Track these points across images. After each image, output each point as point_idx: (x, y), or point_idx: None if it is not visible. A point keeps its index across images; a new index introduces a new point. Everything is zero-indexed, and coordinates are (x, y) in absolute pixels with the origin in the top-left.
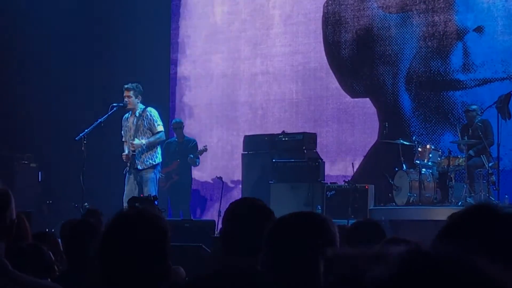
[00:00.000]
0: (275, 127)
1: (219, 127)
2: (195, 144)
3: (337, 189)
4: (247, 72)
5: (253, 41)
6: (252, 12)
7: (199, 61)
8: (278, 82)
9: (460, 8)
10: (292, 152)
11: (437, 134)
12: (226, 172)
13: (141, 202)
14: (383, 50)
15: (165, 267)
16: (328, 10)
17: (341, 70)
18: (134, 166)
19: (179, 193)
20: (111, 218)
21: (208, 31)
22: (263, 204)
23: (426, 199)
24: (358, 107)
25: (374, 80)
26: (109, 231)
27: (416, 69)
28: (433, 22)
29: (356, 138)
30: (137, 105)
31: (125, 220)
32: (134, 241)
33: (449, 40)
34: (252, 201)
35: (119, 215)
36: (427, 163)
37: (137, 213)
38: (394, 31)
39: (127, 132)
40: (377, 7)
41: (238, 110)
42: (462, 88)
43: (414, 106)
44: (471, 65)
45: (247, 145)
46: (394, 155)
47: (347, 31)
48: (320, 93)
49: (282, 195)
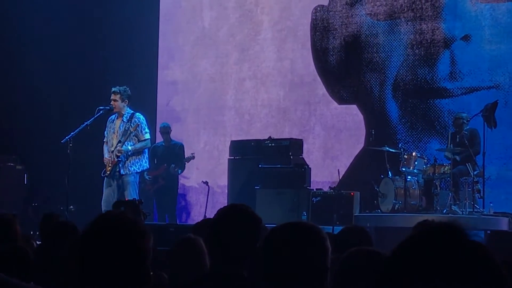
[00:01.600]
0: (262, 133)
1: (206, 132)
2: (182, 148)
3: (323, 195)
4: (234, 77)
5: (241, 46)
6: (240, 18)
7: (187, 65)
8: (265, 87)
9: (447, 17)
10: (278, 158)
11: (423, 142)
12: (212, 177)
13: (126, 206)
14: (370, 57)
15: (143, 270)
16: (316, 17)
17: (328, 77)
18: (116, 170)
19: (165, 197)
20: (89, 222)
21: (196, 35)
22: (251, 212)
23: (411, 206)
24: (345, 114)
25: (361, 87)
26: (87, 235)
27: (403, 76)
28: (421, 30)
29: (342, 145)
30: (123, 109)
31: (102, 224)
32: (111, 245)
33: (436, 48)
34: (241, 208)
35: (97, 219)
36: (413, 170)
37: (113, 216)
38: (382, 38)
39: (111, 133)
40: (365, 14)
41: (225, 115)
42: (449, 96)
43: (400, 114)
44: (458, 73)
45: (234, 150)
46: (380, 162)
47: (335, 38)
48: (307, 99)
49: (268, 200)
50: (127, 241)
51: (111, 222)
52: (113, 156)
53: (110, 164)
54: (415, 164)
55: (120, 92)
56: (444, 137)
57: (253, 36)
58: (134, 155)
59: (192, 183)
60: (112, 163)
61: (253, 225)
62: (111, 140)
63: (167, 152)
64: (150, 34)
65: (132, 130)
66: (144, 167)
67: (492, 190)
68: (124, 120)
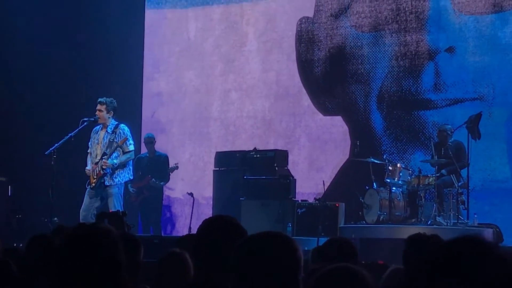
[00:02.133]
0: (247, 144)
1: (191, 143)
2: (166, 159)
3: (308, 206)
4: (220, 88)
5: (226, 57)
6: (225, 29)
7: (172, 76)
8: (250, 99)
9: (432, 29)
10: (264, 169)
11: (407, 153)
12: (197, 188)
13: (109, 218)
14: (355, 69)
15: (118, 279)
16: (301, 28)
17: (313, 88)
18: (101, 181)
19: (149, 208)
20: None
21: (182, 47)
22: (237, 223)
23: (396, 217)
24: (330, 125)
25: (346, 99)
26: (63, 247)
27: (388, 88)
28: (405, 41)
29: (327, 156)
30: (108, 120)
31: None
32: (86, 256)
33: (420, 60)
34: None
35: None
36: (398, 181)
37: (87, 228)
38: (367, 50)
39: (95, 144)
40: (350, 26)
41: (211, 126)
42: (433, 107)
43: (385, 125)
44: (442, 85)
45: (219, 161)
46: (364, 173)
47: (320, 49)
48: (292, 110)
49: (253, 212)
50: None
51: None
52: (98, 168)
53: (95, 176)
54: (399, 175)
55: (106, 103)
56: (429, 148)
57: (238, 48)
58: (119, 167)
59: (177, 194)
60: (97, 176)
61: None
62: (95, 151)
63: (151, 163)
64: (135, 45)
65: (120, 143)
66: (127, 178)
67: (477, 201)
68: (109, 131)
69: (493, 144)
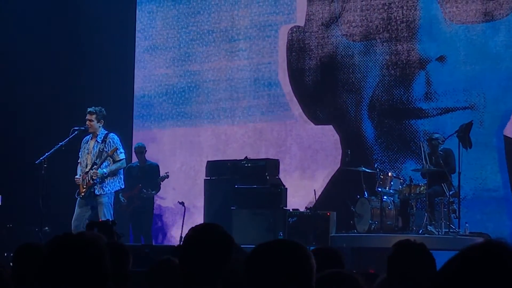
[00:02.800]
0: (238, 153)
1: (182, 152)
2: (157, 168)
3: (299, 215)
4: (211, 97)
5: (217, 67)
6: (216, 38)
7: (162, 85)
8: (242, 108)
9: (423, 38)
10: (255, 178)
11: (399, 162)
12: (188, 198)
13: (99, 227)
14: (346, 78)
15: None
16: (292, 37)
17: (304, 97)
18: (91, 190)
19: (140, 218)
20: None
21: (172, 55)
22: (223, 231)
23: (387, 226)
24: (321, 134)
25: (337, 108)
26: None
27: (379, 97)
28: (396, 51)
29: (318, 165)
30: (98, 129)
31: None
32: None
33: (411, 69)
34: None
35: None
36: (389, 190)
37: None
38: (358, 59)
39: (85, 154)
40: (341, 35)
41: (202, 135)
42: (424, 116)
43: (376, 134)
44: (433, 94)
45: (210, 170)
46: (356, 182)
47: (311, 58)
48: (283, 119)
49: (244, 221)
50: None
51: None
52: (88, 178)
53: (84, 185)
54: (391, 184)
55: (96, 112)
56: (420, 158)
57: (229, 57)
58: (109, 176)
59: (168, 203)
60: (87, 185)
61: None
62: (84, 160)
63: (142, 173)
64: (126, 54)
65: (110, 153)
66: (118, 187)
67: (468, 210)
68: (98, 141)
69: (484, 153)
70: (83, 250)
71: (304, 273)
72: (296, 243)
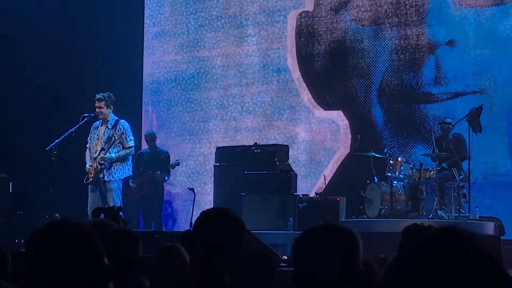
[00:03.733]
0: (248, 139)
1: (191, 138)
2: (167, 156)
3: (309, 201)
4: (220, 83)
5: (226, 52)
6: (225, 24)
7: (172, 72)
8: (251, 94)
9: (432, 22)
10: (264, 164)
11: (408, 147)
12: (198, 184)
13: (105, 213)
14: (355, 63)
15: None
16: (301, 23)
17: (313, 82)
18: (100, 176)
19: (150, 204)
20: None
21: (181, 42)
22: (234, 215)
23: (397, 211)
24: (330, 119)
25: (346, 93)
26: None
27: (388, 82)
28: (406, 35)
29: (328, 150)
30: (108, 115)
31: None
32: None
33: (421, 54)
34: (223, 212)
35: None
36: (399, 175)
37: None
38: (367, 44)
39: (95, 140)
40: (350, 20)
41: (211, 121)
42: (434, 101)
43: (386, 119)
44: (442, 78)
45: (219, 156)
46: (365, 167)
47: (320, 44)
48: (292, 105)
49: (254, 207)
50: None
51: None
52: (96, 163)
53: (93, 171)
54: (400, 169)
55: (104, 98)
56: (430, 142)
57: (238, 43)
58: (118, 162)
59: (178, 190)
60: (95, 170)
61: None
62: (94, 146)
63: (152, 159)
64: (135, 40)
65: (117, 138)
66: (127, 174)
67: (478, 195)
68: (109, 127)
69: (494, 137)
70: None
71: (354, 258)
72: (347, 228)
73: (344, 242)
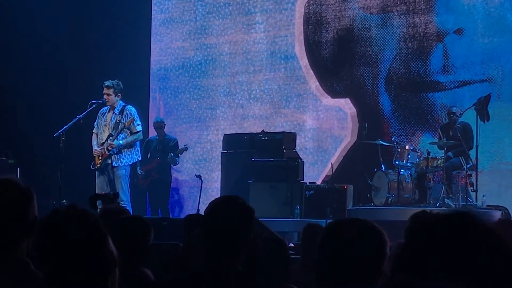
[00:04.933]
0: (255, 126)
1: (199, 125)
2: (176, 142)
3: (316, 189)
4: (227, 71)
5: (233, 40)
6: (232, 11)
7: (179, 59)
8: (258, 81)
9: (440, 10)
10: (272, 152)
11: (416, 135)
12: (205, 171)
13: (102, 200)
14: (363, 51)
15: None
16: (309, 10)
17: (321, 70)
18: (108, 162)
19: (158, 191)
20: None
21: (189, 28)
22: (243, 202)
23: (404, 199)
24: (338, 107)
25: (354, 81)
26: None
27: (396, 70)
28: (414, 23)
29: (335, 138)
30: (116, 103)
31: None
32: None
33: (429, 42)
34: (232, 200)
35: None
36: (406, 164)
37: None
38: (375, 32)
39: (102, 126)
40: (358, 7)
41: (218, 108)
42: (442, 89)
43: (393, 107)
44: (451, 66)
45: (227, 144)
46: (373, 155)
47: (327, 31)
48: (300, 92)
49: (261, 194)
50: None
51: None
52: (104, 149)
53: (100, 157)
54: (408, 158)
55: (113, 86)
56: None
57: (245, 30)
58: (126, 148)
59: (185, 177)
60: (102, 156)
61: (246, 216)
62: (102, 132)
63: (161, 146)
64: (142, 27)
65: (127, 125)
66: (135, 159)
67: (485, 183)
68: (116, 113)
69: (502, 126)
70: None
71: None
72: (376, 228)
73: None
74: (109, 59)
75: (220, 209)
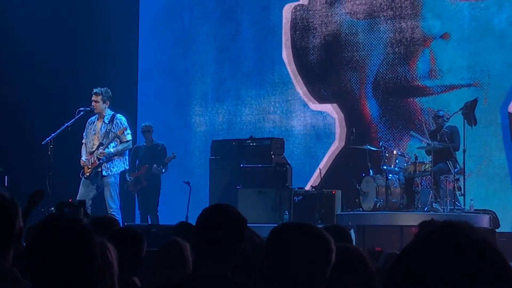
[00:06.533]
0: (243, 132)
1: (187, 132)
2: (164, 148)
3: (305, 194)
4: (215, 76)
5: (221, 46)
6: (220, 17)
7: (167, 65)
8: (246, 86)
9: (427, 15)
10: (260, 157)
11: (403, 140)
12: (193, 177)
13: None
14: (350, 56)
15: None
16: (296, 16)
17: (309, 76)
18: (98, 170)
19: (147, 198)
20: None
21: (176, 35)
22: (237, 212)
23: (392, 204)
24: (325, 113)
25: (341, 86)
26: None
27: (383, 75)
28: (400, 28)
29: (323, 144)
30: (104, 110)
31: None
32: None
33: (416, 47)
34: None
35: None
36: (394, 168)
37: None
38: (362, 37)
39: (91, 135)
40: (345, 13)
41: (206, 114)
42: (429, 94)
43: (381, 112)
44: (437, 71)
45: (215, 150)
46: (361, 160)
47: (315, 37)
48: (288, 98)
49: (250, 200)
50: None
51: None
52: (93, 158)
53: (89, 165)
54: (396, 162)
55: (101, 93)
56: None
57: (233, 36)
58: (116, 156)
59: (174, 183)
60: (92, 165)
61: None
62: (91, 141)
63: (148, 152)
64: (130, 33)
65: (119, 133)
66: (123, 168)
67: (473, 187)
68: (106, 122)
69: (489, 130)
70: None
71: (323, 266)
72: (321, 233)
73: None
74: (97, 65)
75: (213, 218)
